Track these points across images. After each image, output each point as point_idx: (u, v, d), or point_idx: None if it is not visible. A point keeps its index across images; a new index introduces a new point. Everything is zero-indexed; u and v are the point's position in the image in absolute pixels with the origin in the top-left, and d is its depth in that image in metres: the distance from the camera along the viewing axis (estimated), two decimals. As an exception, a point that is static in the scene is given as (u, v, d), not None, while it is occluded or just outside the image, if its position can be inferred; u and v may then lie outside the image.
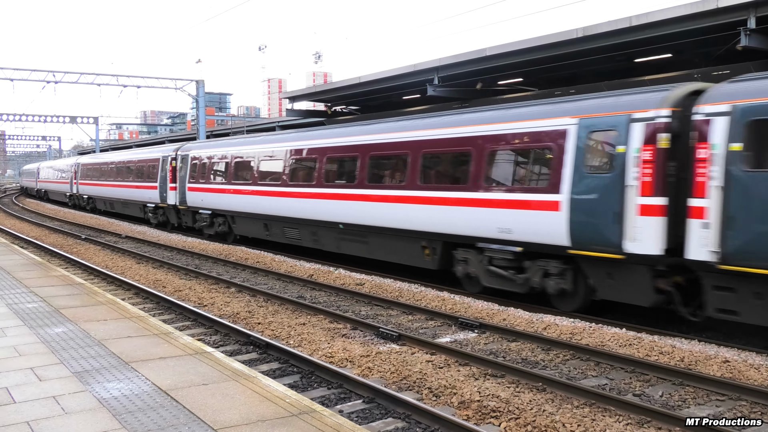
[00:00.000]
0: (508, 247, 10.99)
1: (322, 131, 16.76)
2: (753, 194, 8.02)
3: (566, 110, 10.43)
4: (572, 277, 10.38)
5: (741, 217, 8.10)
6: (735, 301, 8.39)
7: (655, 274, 9.29)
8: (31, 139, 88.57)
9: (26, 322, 8.15)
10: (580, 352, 8.43)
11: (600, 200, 9.62)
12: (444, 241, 12.34)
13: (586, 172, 9.89)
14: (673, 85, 9.57)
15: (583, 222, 9.84)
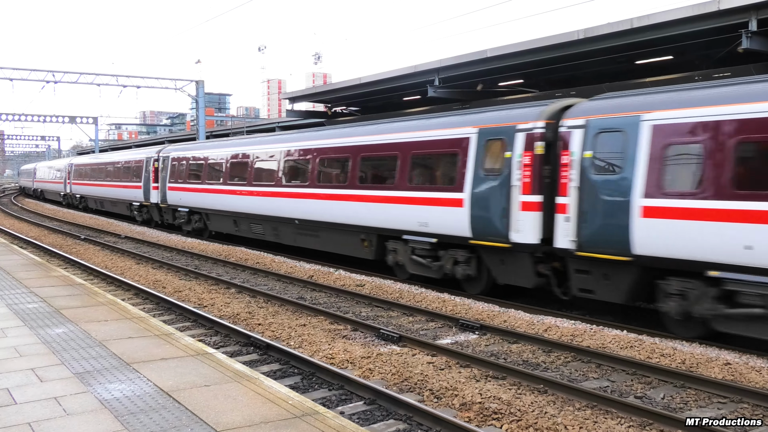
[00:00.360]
0: (425, 239, 12.76)
1: (282, 136, 18.70)
2: (598, 193, 9.79)
3: (469, 121, 12.25)
4: (476, 264, 12.14)
5: (590, 212, 9.88)
6: (590, 281, 10.13)
7: (536, 260, 10.99)
8: (30, 139, 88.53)
9: (27, 322, 8.13)
10: (581, 354, 8.42)
11: (493, 198, 11.41)
12: (378, 234, 14.07)
13: (482, 174, 11.66)
14: (550, 101, 11.38)
15: (480, 216, 11.62)
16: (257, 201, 18.37)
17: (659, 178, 9.09)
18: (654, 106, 9.45)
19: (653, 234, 9.03)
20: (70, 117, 54.46)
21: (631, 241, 9.27)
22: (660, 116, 9.23)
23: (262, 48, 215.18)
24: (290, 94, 26.84)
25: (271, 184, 17.80)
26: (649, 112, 9.39)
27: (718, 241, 8.37)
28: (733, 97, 8.65)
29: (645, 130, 9.36)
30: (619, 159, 9.63)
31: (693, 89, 9.40)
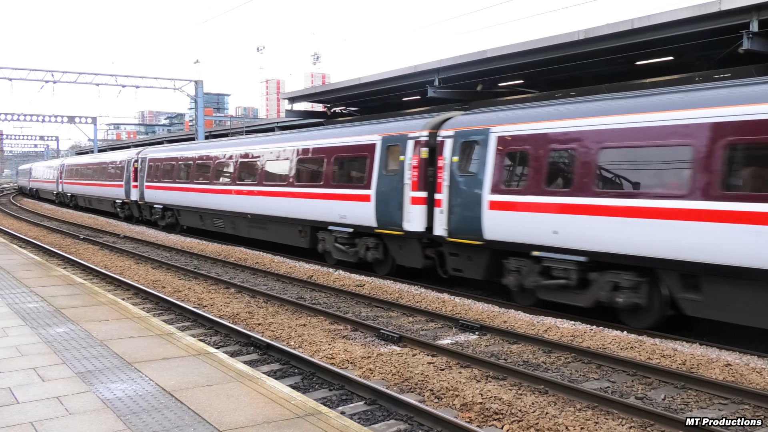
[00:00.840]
0: (345, 229, 15.03)
1: (236, 140, 21.35)
2: (461, 191, 12.15)
3: (376, 130, 14.71)
4: (383, 249, 14.45)
5: (456, 206, 12.20)
6: (459, 262, 12.52)
7: (423, 245, 13.28)
8: (29, 138, 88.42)
9: (28, 322, 8.13)
10: (581, 354, 8.43)
11: (391, 194, 13.68)
12: (311, 225, 16.37)
13: (384, 174, 13.97)
14: (436, 114, 13.80)
15: (382, 209, 13.90)
16: (218, 198, 20.95)
17: (500, 179, 11.48)
18: (499, 121, 11.79)
19: (496, 223, 11.42)
20: (69, 117, 54.40)
21: (482, 228, 11.61)
22: (502, 129, 11.62)
23: (260, 48, 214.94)
24: (289, 94, 26.83)
25: (228, 183, 20.44)
26: (495, 126, 11.77)
27: (536, 227, 10.73)
28: (544, 115, 11.25)
29: (492, 140, 11.71)
30: (474, 163, 12.03)
31: (525, 108, 11.96)
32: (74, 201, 40.52)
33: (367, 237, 14.57)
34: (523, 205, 10.98)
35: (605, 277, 9.99)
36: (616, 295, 9.89)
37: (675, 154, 9.18)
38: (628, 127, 9.70)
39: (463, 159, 12.22)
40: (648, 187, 9.40)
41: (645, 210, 9.22)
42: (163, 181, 25.33)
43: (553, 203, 10.48)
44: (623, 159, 9.84)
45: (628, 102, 10.18)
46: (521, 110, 11.79)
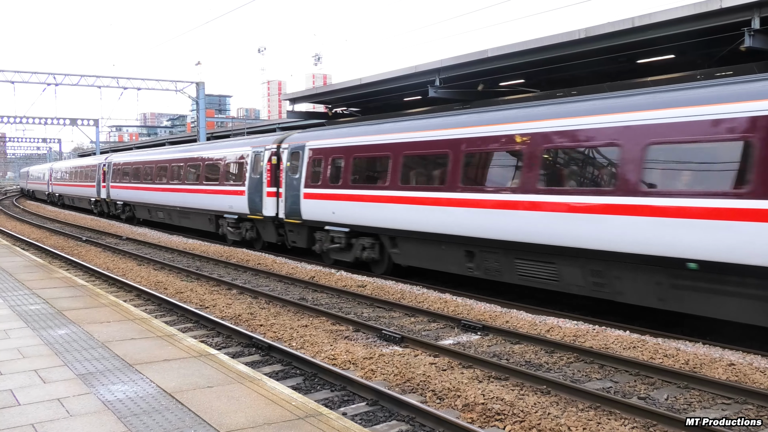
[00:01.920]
0: (232, 216, 20.54)
1: (168, 148, 28.13)
2: (290, 186, 17.27)
3: (249, 143, 20.34)
4: (255, 229, 19.85)
5: (288, 197, 17.34)
6: (293, 236, 17.62)
7: (276, 226, 18.49)
8: (31, 141, 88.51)
9: (29, 324, 8.13)
10: (584, 354, 8.41)
11: (256, 189, 18.95)
12: (215, 214, 21.91)
13: (252, 175, 19.20)
14: (281, 134, 19.77)
15: (252, 200, 19.14)
16: (159, 195, 26.72)
17: (309, 178, 16.52)
18: (311, 138, 17.06)
19: (308, 208, 16.51)
20: (71, 119, 54.50)
21: (301, 212, 16.69)
22: (312, 144, 16.84)
23: (262, 49, 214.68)
24: (291, 95, 26.82)
25: (164, 182, 26.22)
26: (308, 141, 16.99)
27: (325, 210, 15.86)
28: (329, 135, 16.73)
29: (306, 151, 16.89)
30: (297, 167, 17.14)
31: (324, 130, 17.45)
32: (61, 200, 46.28)
33: (245, 221, 19.96)
34: (318, 195, 16.28)
35: (359, 241, 15.09)
36: (364, 253, 14.95)
37: (374, 162, 14.98)
38: (358, 145, 15.35)
39: (291, 164, 17.37)
40: (370, 181, 14.80)
41: (372, 197, 14.52)
42: (123, 182, 31.77)
43: (331, 194, 15.71)
44: (358, 165, 15.29)
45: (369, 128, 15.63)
46: (322, 130, 17.38)
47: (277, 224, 18.35)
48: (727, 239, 8.33)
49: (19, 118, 51.71)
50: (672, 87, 10.13)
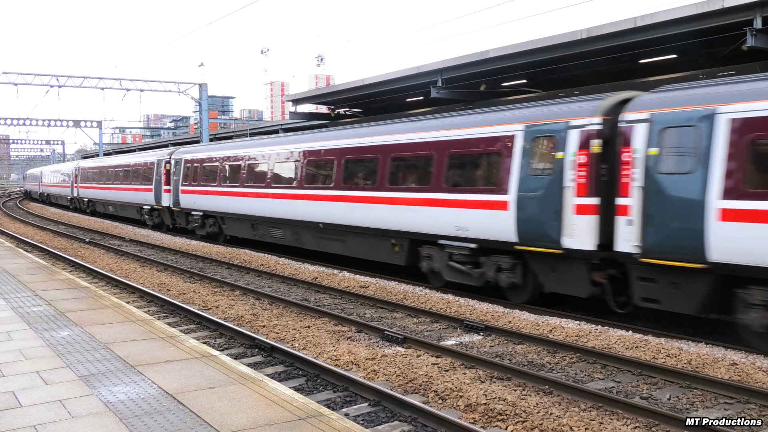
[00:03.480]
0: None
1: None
2: (174, 185, 18.86)
3: (155, 155, 23.64)
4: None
5: (173, 192, 21.50)
6: (179, 219, 22.68)
7: (170, 213, 23.49)
8: (35, 143, 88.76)
9: (32, 325, 8.15)
10: (586, 354, 8.39)
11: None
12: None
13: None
14: (173, 148, 24.79)
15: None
16: (114, 193, 31.89)
17: (184, 179, 18.48)
18: (184, 153, 19.80)
19: (183, 199, 21.24)
20: (74, 121, 54.64)
21: (180, 202, 18.93)
22: (186, 156, 20.01)
23: (265, 50, 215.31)
24: (293, 96, 26.88)
25: (117, 183, 31.15)
26: (183, 155, 19.39)
27: (190, 200, 21.08)
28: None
29: (182, 161, 18.59)
30: (178, 171, 19.42)
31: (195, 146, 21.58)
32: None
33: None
34: (188, 191, 21.95)
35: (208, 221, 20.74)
36: (210, 229, 21.49)
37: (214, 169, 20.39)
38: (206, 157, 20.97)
39: (176, 169, 16.94)
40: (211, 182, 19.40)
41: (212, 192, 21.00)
42: (89, 184, 35.65)
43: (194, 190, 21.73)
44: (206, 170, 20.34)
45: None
46: (193, 147, 21.77)
47: (170, 212, 25.25)
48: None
49: (23, 120, 51.87)
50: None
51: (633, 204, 9.38)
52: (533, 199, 10.76)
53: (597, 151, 10.07)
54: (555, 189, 10.42)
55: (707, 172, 8.60)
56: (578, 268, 10.29)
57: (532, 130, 10.93)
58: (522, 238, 10.91)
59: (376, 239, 14.39)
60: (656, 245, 9.08)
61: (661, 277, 9.21)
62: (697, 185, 8.68)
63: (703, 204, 8.57)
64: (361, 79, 21.25)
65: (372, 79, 20.69)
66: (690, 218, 8.69)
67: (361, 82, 21.21)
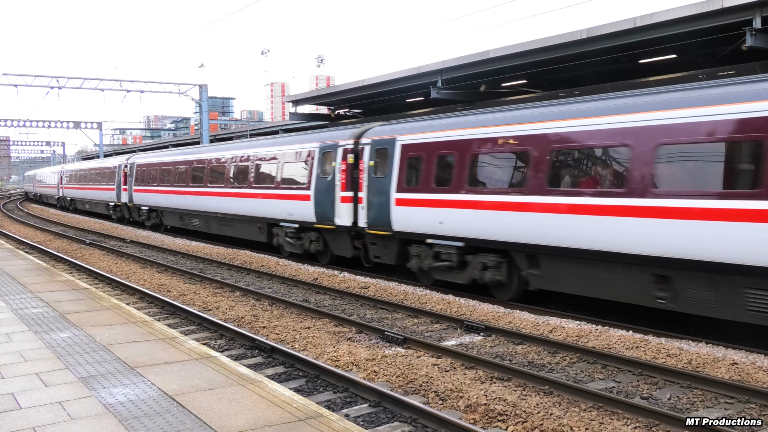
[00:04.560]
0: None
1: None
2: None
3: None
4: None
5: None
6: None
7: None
8: (35, 144, 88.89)
9: (31, 327, 8.15)
10: (586, 354, 8.38)
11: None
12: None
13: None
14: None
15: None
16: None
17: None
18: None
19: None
20: (74, 122, 54.74)
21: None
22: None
23: (265, 51, 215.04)
24: (293, 97, 26.89)
25: (87, 185, 35.99)
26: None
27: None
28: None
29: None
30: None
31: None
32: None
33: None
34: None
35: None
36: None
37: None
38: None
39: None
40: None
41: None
42: (72, 185, 39.27)
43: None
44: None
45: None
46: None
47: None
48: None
49: (23, 121, 51.93)
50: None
51: (364, 195, 14.48)
52: (321, 193, 15.77)
53: (351, 162, 14.97)
54: (331, 186, 15.36)
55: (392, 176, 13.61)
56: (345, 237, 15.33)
57: (323, 147, 15.93)
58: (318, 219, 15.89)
59: (248, 224, 19.68)
60: (372, 222, 14.23)
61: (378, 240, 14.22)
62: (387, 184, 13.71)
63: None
64: (361, 79, 21.27)
65: (372, 80, 20.70)
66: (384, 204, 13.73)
67: (361, 83, 21.23)
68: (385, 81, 20.12)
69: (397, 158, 13.41)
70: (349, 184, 14.77)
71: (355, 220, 14.67)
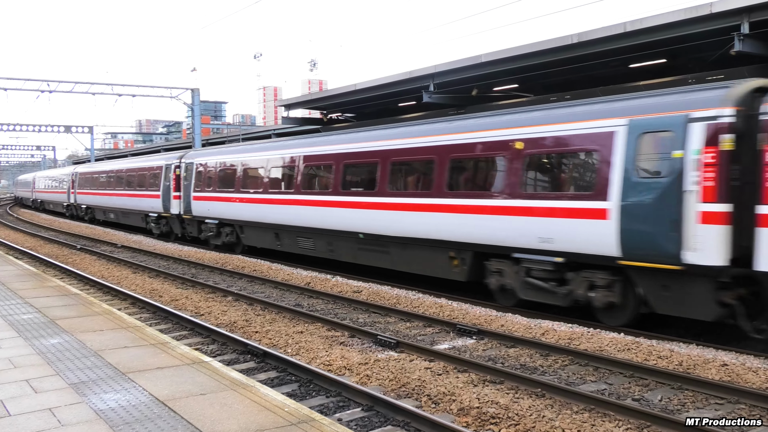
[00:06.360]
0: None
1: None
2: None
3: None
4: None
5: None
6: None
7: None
8: (25, 149, 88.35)
9: (21, 333, 8.09)
10: (578, 357, 8.41)
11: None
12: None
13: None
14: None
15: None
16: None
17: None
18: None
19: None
20: (65, 126, 54.41)
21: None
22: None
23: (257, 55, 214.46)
24: (285, 101, 26.87)
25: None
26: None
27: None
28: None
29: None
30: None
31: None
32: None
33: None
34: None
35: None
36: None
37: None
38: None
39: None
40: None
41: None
42: (46, 190, 45.43)
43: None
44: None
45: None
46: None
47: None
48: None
49: (13, 125, 51.58)
50: None
51: (181, 194, 21.00)
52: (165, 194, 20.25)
53: (178, 174, 16.27)
54: (168, 189, 18.30)
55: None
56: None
57: (167, 165, 18.50)
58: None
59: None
60: (183, 210, 18.95)
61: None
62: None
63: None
64: (354, 84, 21.28)
65: (364, 84, 20.72)
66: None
67: (353, 87, 21.23)
68: (377, 85, 20.14)
69: (194, 172, 22.06)
70: (176, 185, 23.38)
71: (179, 210, 23.13)
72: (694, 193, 8.64)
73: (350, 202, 14.82)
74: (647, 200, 9.11)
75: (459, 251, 12.24)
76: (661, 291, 9.25)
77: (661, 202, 8.95)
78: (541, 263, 10.66)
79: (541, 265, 10.67)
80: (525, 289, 11.10)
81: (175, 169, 24.12)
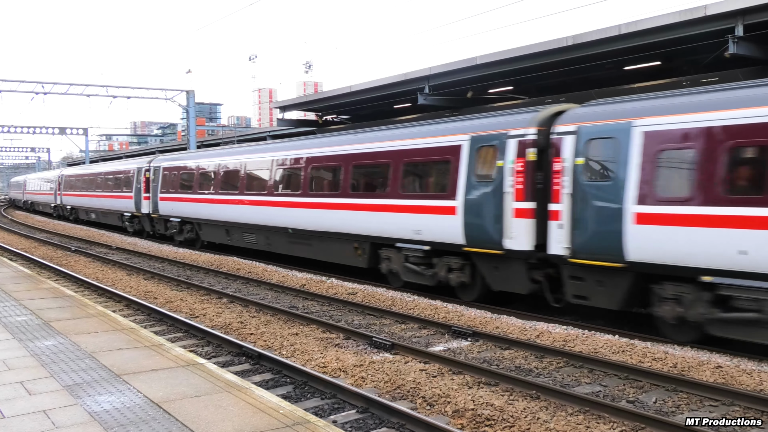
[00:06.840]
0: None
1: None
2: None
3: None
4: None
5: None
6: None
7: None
8: (19, 150, 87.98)
9: (15, 335, 8.06)
10: (573, 359, 8.43)
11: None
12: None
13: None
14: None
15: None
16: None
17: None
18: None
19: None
20: (60, 128, 54.23)
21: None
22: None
23: (252, 57, 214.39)
24: (280, 103, 26.85)
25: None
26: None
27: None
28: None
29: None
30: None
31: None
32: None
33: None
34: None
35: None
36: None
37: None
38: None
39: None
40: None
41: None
42: (28, 191, 48.21)
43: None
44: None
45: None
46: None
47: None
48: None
49: (7, 127, 51.38)
50: None
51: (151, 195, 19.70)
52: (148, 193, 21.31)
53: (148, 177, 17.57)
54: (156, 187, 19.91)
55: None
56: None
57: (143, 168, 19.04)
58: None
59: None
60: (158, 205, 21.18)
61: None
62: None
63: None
64: (349, 86, 21.28)
65: (359, 86, 20.72)
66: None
67: (349, 89, 21.23)
68: (372, 87, 20.15)
69: (161, 175, 24.26)
70: (146, 187, 25.58)
71: (149, 209, 25.28)
72: (510, 193, 11.10)
73: (282, 202, 17.42)
74: (480, 199, 11.64)
75: (360, 242, 14.70)
76: (494, 271, 11.74)
77: (489, 200, 11.45)
78: (414, 251, 13.17)
79: (414, 252, 13.18)
80: (406, 272, 13.56)
81: (145, 172, 26.46)
